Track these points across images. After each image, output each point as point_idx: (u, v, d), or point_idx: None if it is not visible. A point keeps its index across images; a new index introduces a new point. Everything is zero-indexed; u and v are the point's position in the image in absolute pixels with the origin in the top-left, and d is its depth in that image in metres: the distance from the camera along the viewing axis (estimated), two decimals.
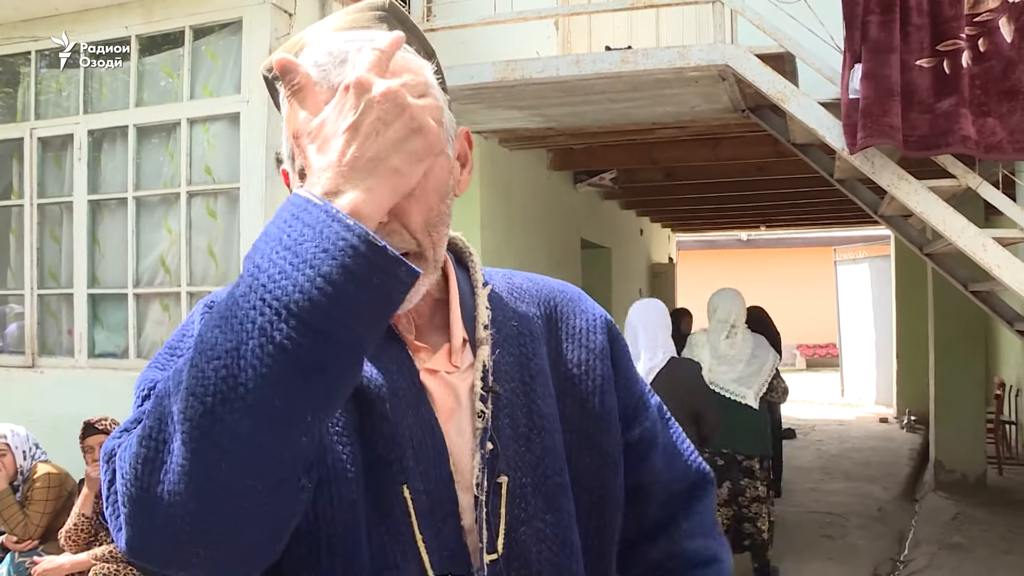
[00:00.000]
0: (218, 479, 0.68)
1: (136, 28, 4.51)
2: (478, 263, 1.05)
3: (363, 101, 0.72)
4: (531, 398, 0.99)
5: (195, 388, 0.67)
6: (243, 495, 0.69)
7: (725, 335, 4.61)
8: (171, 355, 0.91)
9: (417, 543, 0.88)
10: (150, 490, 0.71)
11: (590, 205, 8.06)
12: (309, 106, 0.76)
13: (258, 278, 0.67)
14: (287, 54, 0.80)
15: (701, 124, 5.28)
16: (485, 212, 5.25)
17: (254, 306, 0.66)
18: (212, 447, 0.67)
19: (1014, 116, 3.34)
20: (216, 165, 4.43)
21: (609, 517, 1.04)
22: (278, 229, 0.69)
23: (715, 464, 4.40)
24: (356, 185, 0.70)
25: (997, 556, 5.32)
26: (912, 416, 10.20)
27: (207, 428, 0.67)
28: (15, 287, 4.97)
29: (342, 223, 0.67)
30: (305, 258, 0.66)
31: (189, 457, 0.68)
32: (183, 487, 0.69)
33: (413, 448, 0.89)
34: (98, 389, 4.50)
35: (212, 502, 0.69)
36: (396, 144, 0.72)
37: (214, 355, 0.67)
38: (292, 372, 0.66)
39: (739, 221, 12.12)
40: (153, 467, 0.71)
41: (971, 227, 3.48)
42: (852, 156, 3.55)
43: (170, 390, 0.72)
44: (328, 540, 0.84)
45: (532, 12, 4.26)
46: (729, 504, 4.55)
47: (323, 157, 0.72)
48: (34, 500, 3.83)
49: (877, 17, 3.41)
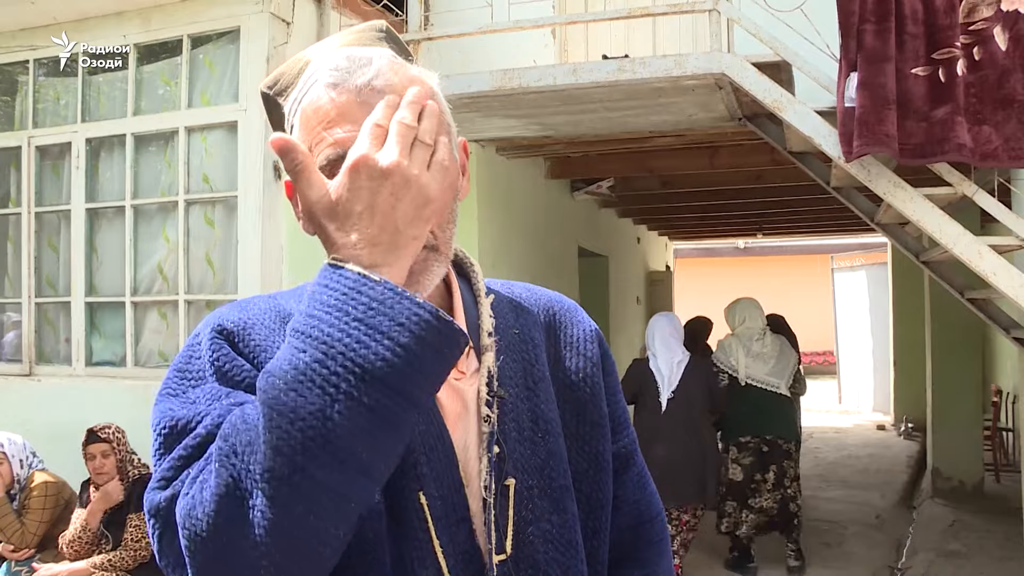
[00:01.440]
0: (305, 529, 0.73)
1: (134, 37, 4.53)
2: (479, 273, 1.09)
3: (373, 180, 0.76)
4: (535, 403, 1.02)
5: (282, 448, 0.72)
6: (327, 543, 0.75)
7: (757, 338, 5.24)
8: (182, 379, 0.92)
9: (435, 548, 0.91)
10: (231, 545, 0.75)
11: (587, 213, 8.07)
12: (315, 184, 0.79)
13: (333, 346, 0.73)
14: (284, 134, 0.82)
15: (698, 133, 5.29)
16: (482, 220, 5.25)
17: (335, 372, 0.72)
18: (302, 500, 0.72)
19: (1009, 124, 3.36)
20: (214, 174, 4.44)
21: (603, 519, 1.08)
22: (339, 301, 0.75)
23: (760, 451, 5.08)
24: (386, 259, 0.77)
25: (994, 563, 5.32)
26: (909, 423, 10.20)
27: (298, 483, 0.72)
28: (13, 295, 4.96)
29: (411, 300, 0.74)
30: (381, 330, 0.73)
31: (277, 511, 0.72)
32: (270, 540, 0.73)
33: (425, 454, 0.93)
34: (95, 397, 4.50)
35: (298, 551, 0.74)
36: (411, 217, 0.77)
37: (296, 417, 0.72)
38: (376, 428, 0.73)
39: (736, 229, 12.13)
40: (236, 524, 0.74)
41: (967, 235, 3.49)
42: (848, 164, 3.56)
43: (236, 448, 0.76)
44: (359, 549, 0.87)
45: (529, 21, 4.28)
46: (777, 488, 5.12)
47: (346, 235, 0.77)
48: (31, 509, 3.83)
49: (872, 26, 3.43)
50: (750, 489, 5.13)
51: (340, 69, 0.88)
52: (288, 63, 0.98)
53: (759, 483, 5.12)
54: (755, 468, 5.11)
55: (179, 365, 0.93)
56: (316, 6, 4.44)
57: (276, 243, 4.30)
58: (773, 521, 5.19)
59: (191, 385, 0.90)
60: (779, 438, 5.11)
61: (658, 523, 1.20)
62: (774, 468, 5.10)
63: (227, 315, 0.96)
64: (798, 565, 5.25)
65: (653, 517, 1.20)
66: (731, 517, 5.18)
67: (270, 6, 4.19)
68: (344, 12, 4.52)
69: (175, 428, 0.86)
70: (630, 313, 10.11)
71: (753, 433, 5.09)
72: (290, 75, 0.96)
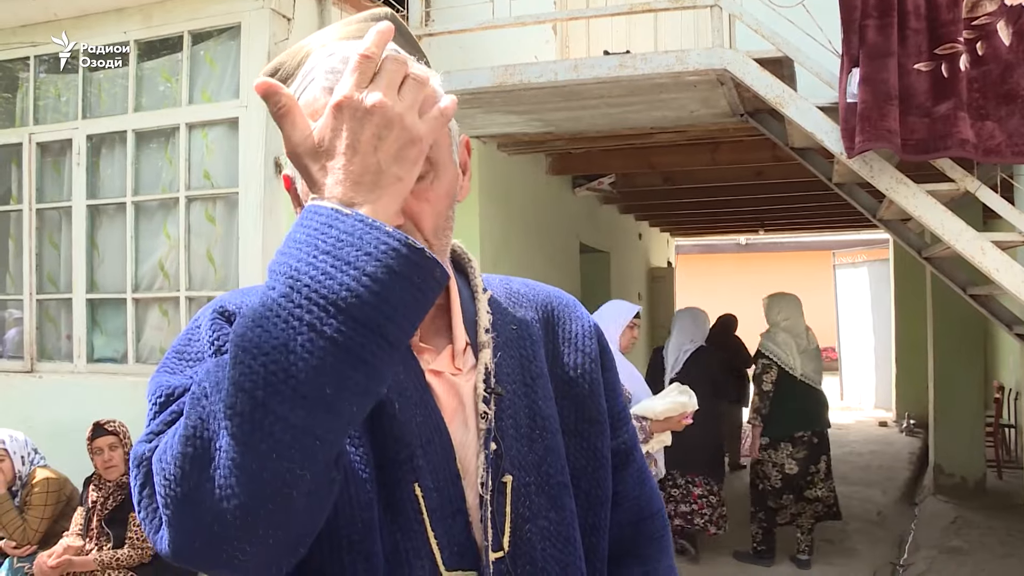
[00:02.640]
0: (270, 469, 0.70)
1: (135, 33, 4.52)
2: (477, 269, 1.08)
3: (355, 120, 0.74)
4: (532, 399, 1.02)
5: (243, 383, 0.70)
6: (293, 484, 0.72)
7: (805, 334, 5.42)
8: (179, 359, 0.92)
9: (429, 540, 0.91)
10: (199, 488, 0.73)
11: (589, 210, 8.07)
12: (299, 126, 0.77)
13: (299, 279, 0.71)
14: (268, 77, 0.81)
15: (700, 128, 5.28)
16: (484, 217, 5.25)
17: (299, 304, 0.70)
18: (265, 438, 0.70)
19: (1012, 120, 3.35)
20: (215, 170, 4.43)
21: (603, 516, 1.08)
22: (309, 236, 0.73)
23: (812, 443, 5.34)
24: (366, 197, 0.74)
25: (996, 560, 5.31)
26: (911, 420, 10.20)
27: (259, 420, 0.69)
28: (14, 292, 4.97)
29: (380, 229, 0.72)
30: (348, 260, 0.71)
31: (240, 450, 0.70)
32: (235, 480, 0.71)
33: (422, 447, 0.92)
34: (97, 394, 4.49)
35: (264, 493, 0.71)
36: (394, 155, 0.75)
37: (260, 352, 0.70)
38: (342, 363, 0.70)
39: (738, 225, 12.12)
40: (202, 465, 0.73)
41: (969, 231, 3.48)
42: (850, 160, 3.56)
43: (207, 391, 0.75)
44: (349, 539, 0.87)
45: (530, 17, 4.27)
46: (828, 477, 5.41)
47: (328, 175, 0.75)
48: (33, 505, 3.83)
49: (875, 21, 3.42)
50: (805, 481, 5.34)
51: (336, 72, 0.86)
52: (288, 52, 0.97)
53: (813, 475, 5.35)
54: (809, 460, 5.34)
55: (178, 347, 0.93)
56: (317, 2, 4.42)
57: (277, 239, 4.30)
58: (829, 510, 5.44)
59: (188, 365, 0.90)
60: (826, 430, 5.46)
61: (658, 519, 1.20)
62: (824, 459, 5.39)
63: (229, 299, 0.97)
64: (807, 559, 5.41)
65: (654, 513, 1.20)
66: (787, 510, 5.40)
67: (271, 2, 4.18)
68: (345, 8, 4.51)
69: (171, 396, 0.85)
70: None
71: (807, 428, 5.31)
72: (290, 66, 0.95)
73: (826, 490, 5.39)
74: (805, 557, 5.39)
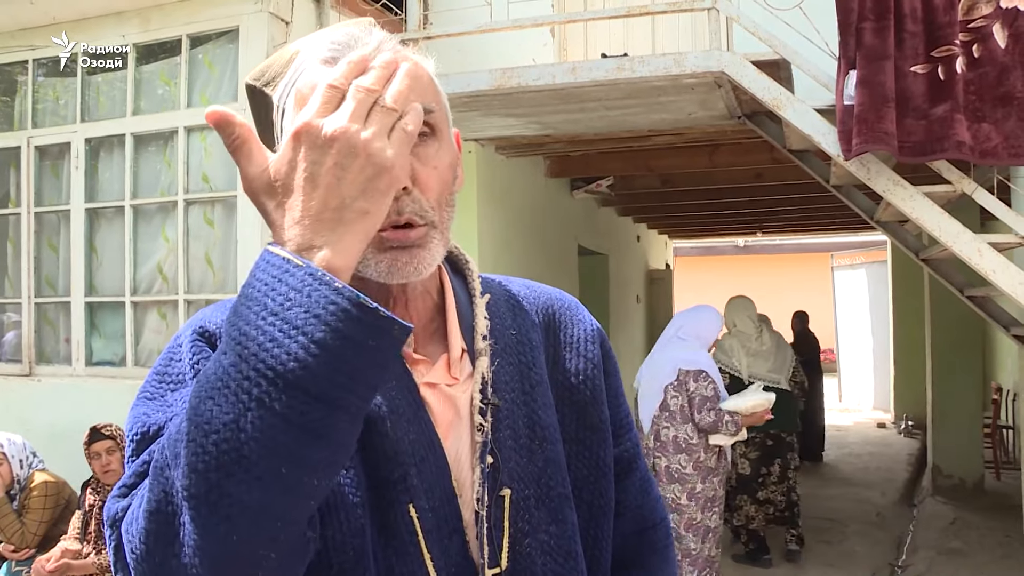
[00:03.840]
0: (231, 550, 0.67)
1: (133, 37, 4.52)
2: (475, 271, 1.04)
3: (314, 149, 0.68)
4: (532, 408, 0.97)
5: (196, 464, 0.65)
6: (258, 564, 0.68)
7: (755, 336, 5.31)
8: (160, 382, 0.88)
9: (425, 562, 0.86)
10: (164, 565, 0.70)
11: (587, 212, 8.07)
12: (255, 159, 0.71)
13: (247, 347, 0.65)
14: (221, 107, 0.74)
15: (697, 131, 5.29)
16: (482, 219, 5.25)
17: (247, 376, 0.64)
18: (222, 521, 0.65)
19: (1008, 122, 3.35)
20: (213, 173, 4.44)
21: (606, 526, 1.04)
22: (260, 293, 0.67)
23: (766, 445, 5.33)
24: (327, 238, 0.67)
25: (995, 561, 5.32)
26: (910, 421, 10.21)
27: (215, 503, 0.65)
28: (12, 295, 4.96)
29: (329, 286, 0.65)
30: (296, 324, 0.64)
31: (200, 532, 0.66)
32: (198, 560, 0.67)
33: (416, 465, 0.88)
34: (95, 397, 4.49)
35: (228, 573, 0.68)
36: (360, 187, 0.68)
37: (211, 429, 0.65)
38: (296, 441, 0.65)
39: (736, 227, 12.13)
40: (166, 541, 0.69)
41: (967, 232, 3.49)
42: (848, 162, 3.56)
43: (168, 461, 0.70)
44: (340, 567, 0.82)
45: (528, 20, 4.27)
46: (782, 480, 5.38)
47: (286, 214, 0.69)
48: (31, 509, 3.83)
49: (871, 24, 3.42)
50: (757, 483, 5.36)
51: (338, 43, 0.83)
52: (274, 56, 0.94)
53: (765, 476, 5.36)
54: (762, 462, 5.36)
55: (159, 368, 0.89)
56: (315, 5, 4.43)
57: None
58: (781, 515, 5.42)
59: (169, 389, 0.86)
60: (782, 432, 5.35)
61: (661, 529, 1.16)
62: (779, 461, 5.38)
63: (209, 317, 0.91)
64: (798, 550, 5.46)
65: (657, 523, 1.15)
66: (742, 511, 5.41)
67: (269, 5, 4.18)
68: (343, 11, 4.52)
69: (147, 433, 0.82)
70: (630, 311, 10.11)
71: (759, 428, 5.18)
72: (278, 65, 0.92)
73: (779, 494, 5.38)
74: (795, 547, 5.45)
